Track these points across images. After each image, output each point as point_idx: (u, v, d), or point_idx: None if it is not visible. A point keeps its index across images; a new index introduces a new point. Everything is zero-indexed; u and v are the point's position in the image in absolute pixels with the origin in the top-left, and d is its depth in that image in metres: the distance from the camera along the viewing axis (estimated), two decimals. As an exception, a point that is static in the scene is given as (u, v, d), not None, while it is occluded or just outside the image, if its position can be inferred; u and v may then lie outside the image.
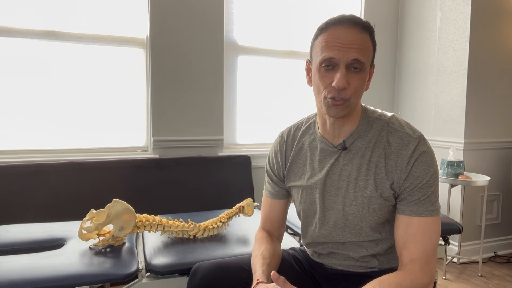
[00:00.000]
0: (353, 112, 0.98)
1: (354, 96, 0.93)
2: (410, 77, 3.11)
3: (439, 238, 0.92)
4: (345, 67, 0.91)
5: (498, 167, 2.83)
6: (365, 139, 0.99)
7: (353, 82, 0.91)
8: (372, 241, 1.02)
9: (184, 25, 2.51)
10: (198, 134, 2.59)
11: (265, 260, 1.02)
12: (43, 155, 2.30)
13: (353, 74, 0.91)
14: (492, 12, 2.66)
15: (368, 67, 0.95)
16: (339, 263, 1.08)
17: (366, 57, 0.93)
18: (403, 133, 0.96)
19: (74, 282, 1.12)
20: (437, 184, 0.95)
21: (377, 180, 0.96)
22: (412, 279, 0.87)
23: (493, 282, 2.42)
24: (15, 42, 2.21)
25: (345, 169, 1.01)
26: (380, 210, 0.97)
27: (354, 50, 0.90)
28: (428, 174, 0.92)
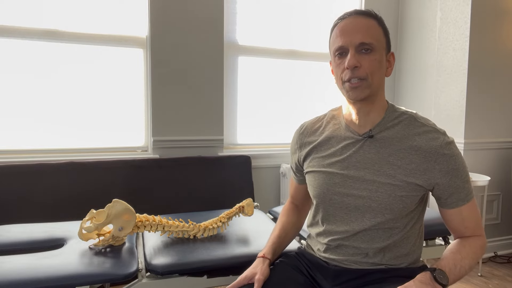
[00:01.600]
0: (376, 98, 1.03)
1: (371, 76, 0.98)
2: (410, 77, 3.11)
3: None
4: (355, 50, 0.98)
5: (498, 167, 2.83)
6: (393, 130, 1.04)
7: (364, 62, 0.97)
8: (388, 230, 1.03)
9: (184, 25, 2.51)
10: (198, 134, 2.59)
11: (278, 239, 1.17)
12: (43, 155, 2.30)
13: (364, 56, 0.98)
14: (492, 12, 2.65)
15: (380, 49, 1.00)
16: (345, 258, 1.07)
17: (374, 39, 0.98)
18: (430, 128, 1.03)
19: (74, 282, 1.11)
20: (467, 172, 1.04)
21: (407, 170, 1.00)
22: (479, 239, 1.05)
23: (493, 282, 2.42)
24: (15, 42, 2.21)
25: (371, 157, 1.03)
26: (407, 198, 1.01)
27: (360, 34, 0.97)
28: (463, 163, 1.01)
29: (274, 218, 1.90)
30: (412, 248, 1.07)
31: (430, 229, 1.64)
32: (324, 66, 2.99)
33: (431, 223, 1.64)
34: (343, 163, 1.06)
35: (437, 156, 0.98)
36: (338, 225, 1.08)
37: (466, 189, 1.02)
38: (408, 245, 1.06)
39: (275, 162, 2.81)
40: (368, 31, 0.98)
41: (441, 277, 0.92)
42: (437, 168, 0.99)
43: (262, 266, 1.08)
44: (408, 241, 1.06)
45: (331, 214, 1.09)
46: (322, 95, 3.01)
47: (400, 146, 1.01)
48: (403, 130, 1.03)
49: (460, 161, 1.01)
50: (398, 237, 1.04)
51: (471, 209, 1.04)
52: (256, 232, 1.58)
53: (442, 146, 0.99)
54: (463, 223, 1.04)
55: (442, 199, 1.03)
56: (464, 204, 1.02)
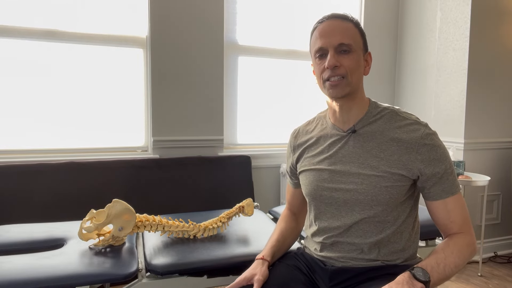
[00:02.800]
0: (356, 95, 1.08)
1: (351, 74, 1.03)
2: (410, 77, 3.11)
3: None
4: (334, 51, 1.03)
5: (498, 167, 2.83)
6: (375, 125, 1.08)
7: (344, 62, 1.03)
8: (379, 223, 1.05)
9: (184, 25, 2.51)
10: (198, 134, 2.59)
11: (277, 243, 1.19)
12: (43, 155, 2.30)
13: (343, 56, 1.03)
14: (492, 12, 2.66)
15: (358, 50, 1.05)
16: (342, 255, 1.08)
17: (351, 40, 1.03)
18: (411, 121, 1.06)
19: (74, 282, 1.12)
20: (451, 162, 1.05)
21: (390, 161, 1.03)
22: (466, 237, 1.03)
23: (493, 282, 2.42)
24: (14, 42, 2.21)
25: (355, 151, 1.07)
26: (392, 188, 1.02)
27: (338, 35, 1.03)
28: (445, 153, 1.03)
29: (274, 218, 1.90)
30: (407, 243, 1.08)
31: (430, 229, 1.64)
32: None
33: (431, 223, 1.64)
34: (330, 159, 1.11)
35: (418, 147, 1.01)
36: (330, 222, 1.10)
37: (450, 181, 1.03)
38: (403, 240, 1.07)
39: (275, 162, 2.81)
40: (345, 32, 1.03)
41: (420, 274, 0.92)
42: (418, 158, 1.01)
43: (261, 268, 1.10)
44: (402, 236, 1.07)
45: (323, 212, 1.12)
46: (322, 95, 3.01)
47: (382, 139, 1.05)
48: (384, 124, 1.07)
49: (442, 152, 1.02)
50: (390, 231, 1.05)
51: (457, 202, 1.04)
52: (256, 232, 1.58)
53: (423, 137, 1.02)
54: (448, 217, 1.04)
55: (426, 189, 1.04)
56: (449, 197, 1.03)
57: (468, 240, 1.03)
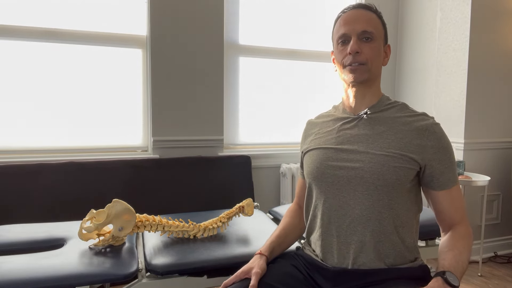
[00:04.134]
0: (373, 84, 1.12)
1: (371, 62, 1.07)
2: (410, 77, 3.11)
3: None
4: (357, 38, 1.07)
5: (498, 167, 2.83)
6: (387, 112, 1.11)
7: (365, 49, 1.07)
8: (380, 213, 1.02)
9: (184, 25, 2.51)
10: (198, 134, 2.59)
11: (277, 239, 1.20)
12: (43, 155, 2.30)
13: (365, 44, 1.07)
14: (492, 12, 2.65)
15: (379, 39, 1.09)
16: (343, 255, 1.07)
17: (374, 28, 1.07)
18: (420, 113, 1.10)
19: (74, 282, 1.12)
20: (453, 153, 1.09)
21: (401, 143, 1.04)
22: (468, 228, 1.06)
23: (493, 282, 2.42)
24: (14, 42, 2.21)
25: (365, 132, 1.09)
26: (400, 170, 1.02)
27: (362, 23, 1.07)
28: (450, 144, 1.07)
29: (274, 218, 1.90)
30: (410, 244, 1.07)
31: (430, 229, 1.64)
32: (325, 66, 2.99)
33: (431, 223, 1.65)
34: (337, 139, 1.12)
35: (428, 133, 1.04)
36: (330, 203, 1.07)
37: (453, 170, 1.07)
38: (407, 239, 1.06)
39: (275, 162, 2.81)
40: (369, 21, 1.07)
41: (452, 279, 0.92)
42: (429, 144, 1.04)
43: (259, 261, 1.11)
44: (404, 235, 1.05)
45: (323, 192, 1.09)
46: (322, 95, 3.01)
47: (393, 124, 1.08)
48: (395, 112, 1.11)
49: (448, 141, 1.07)
50: (392, 226, 1.03)
51: (459, 192, 1.08)
52: (256, 232, 1.58)
53: (432, 125, 1.05)
54: (453, 205, 1.07)
55: (435, 178, 1.05)
56: (453, 186, 1.06)
57: (469, 231, 1.06)
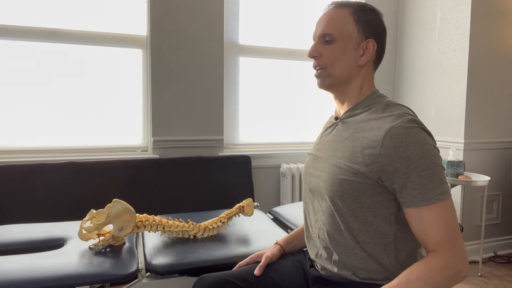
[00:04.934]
0: (347, 87, 1.04)
1: (332, 65, 1.01)
2: (410, 77, 3.11)
3: (456, 219, 0.89)
4: (319, 40, 1.04)
5: (498, 167, 2.83)
6: (359, 116, 1.01)
7: (324, 52, 1.02)
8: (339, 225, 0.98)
9: (184, 25, 2.51)
10: (198, 134, 2.59)
11: (298, 233, 1.25)
12: (43, 155, 2.30)
13: (325, 46, 1.03)
14: (492, 12, 2.66)
15: (344, 38, 1.01)
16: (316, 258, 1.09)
17: (334, 29, 1.01)
18: (394, 114, 0.94)
19: (74, 282, 1.11)
20: (433, 164, 0.87)
21: (353, 153, 0.95)
22: (443, 258, 0.85)
23: (493, 282, 2.42)
24: (14, 42, 2.21)
25: (334, 139, 1.06)
26: (345, 182, 0.95)
27: (323, 25, 1.03)
28: (421, 152, 0.87)
29: (274, 218, 1.90)
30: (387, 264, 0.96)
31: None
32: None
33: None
34: (317, 146, 1.13)
35: (385, 140, 0.89)
36: (308, 208, 1.12)
37: (425, 187, 0.86)
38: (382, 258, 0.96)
39: (275, 162, 2.81)
40: (331, 22, 1.02)
41: None
42: (382, 153, 0.89)
43: (273, 248, 1.20)
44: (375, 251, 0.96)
45: (304, 196, 1.14)
46: (322, 95, 3.01)
47: (356, 129, 0.98)
48: (367, 115, 0.99)
49: (415, 150, 0.87)
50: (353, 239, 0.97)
51: (436, 214, 0.86)
52: (256, 232, 1.58)
53: (393, 130, 0.89)
54: (422, 228, 0.88)
55: (397, 192, 0.91)
56: (424, 205, 0.86)
57: (444, 263, 0.84)
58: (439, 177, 0.87)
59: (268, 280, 1.10)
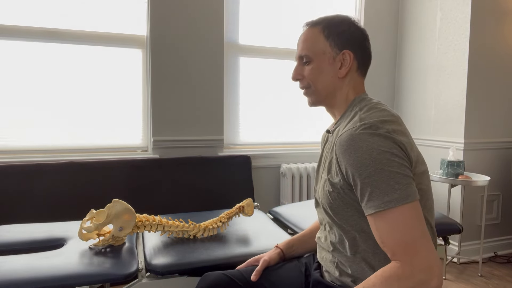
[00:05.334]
0: (333, 101, 1.07)
1: (314, 84, 1.05)
2: (410, 77, 3.11)
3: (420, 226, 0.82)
4: (299, 63, 1.09)
5: (498, 167, 2.83)
6: (340, 126, 1.01)
7: (305, 73, 1.07)
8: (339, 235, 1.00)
9: (184, 25, 2.51)
10: (198, 134, 2.60)
11: (301, 237, 1.26)
12: (43, 155, 2.30)
13: (305, 67, 1.07)
14: (492, 12, 2.66)
15: (319, 56, 1.04)
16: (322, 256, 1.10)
17: (308, 50, 1.05)
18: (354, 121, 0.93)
19: (74, 282, 1.12)
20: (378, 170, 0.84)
21: (330, 165, 0.97)
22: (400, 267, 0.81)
23: (493, 282, 2.42)
24: (14, 42, 2.21)
25: (324, 152, 1.09)
26: (330, 193, 0.96)
27: (299, 48, 1.08)
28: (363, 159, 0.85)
29: (274, 218, 1.90)
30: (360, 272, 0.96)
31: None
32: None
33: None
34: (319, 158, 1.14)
35: (336, 147, 0.92)
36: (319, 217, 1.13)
37: (371, 194, 0.84)
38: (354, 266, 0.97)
39: (275, 162, 2.81)
40: (304, 43, 1.06)
41: None
42: (334, 160, 0.93)
43: (272, 252, 1.20)
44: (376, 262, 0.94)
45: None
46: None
47: (333, 141, 0.99)
48: (344, 126, 0.98)
49: (357, 157, 0.85)
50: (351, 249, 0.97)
51: (390, 222, 0.83)
52: (256, 232, 1.58)
53: (341, 137, 0.90)
54: (379, 236, 0.85)
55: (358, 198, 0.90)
56: (375, 212, 0.84)
57: (401, 272, 0.80)
58: (388, 183, 0.83)
59: (268, 284, 1.11)
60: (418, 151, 0.95)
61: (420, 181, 0.92)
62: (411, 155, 0.89)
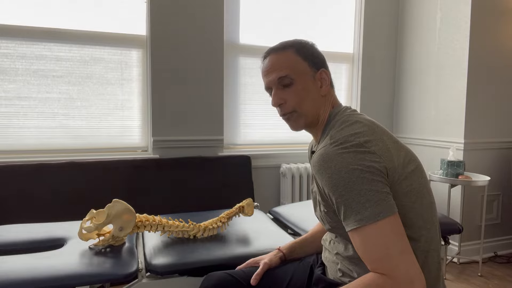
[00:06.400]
0: (317, 120, 1.04)
1: (299, 107, 1.01)
2: (410, 77, 3.11)
3: (399, 242, 0.82)
4: (277, 88, 1.02)
5: (498, 167, 2.83)
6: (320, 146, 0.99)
7: (288, 96, 1.01)
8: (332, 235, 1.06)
9: (184, 25, 2.51)
10: (198, 134, 2.60)
11: (303, 241, 1.25)
12: (43, 155, 2.30)
13: (286, 90, 1.01)
14: (492, 11, 2.66)
15: (302, 76, 1.01)
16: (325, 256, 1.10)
17: (289, 69, 1.00)
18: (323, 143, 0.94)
19: (74, 282, 1.12)
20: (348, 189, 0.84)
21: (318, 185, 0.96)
22: (380, 277, 0.81)
23: (493, 282, 2.42)
24: (14, 42, 2.21)
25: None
26: (327, 214, 0.97)
27: (275, 71, 1.01)
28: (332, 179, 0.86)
29: (274, 218, 1.90)
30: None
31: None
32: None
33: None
34: None
35: (311, 168, 0.94)
36: None
37: (345, 212, 0.85)
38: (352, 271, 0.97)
39: (275, 162, 2.81)
40: (281, 65, 1.00)
41: None
42: (315, 178, 0.94)
43: (273, 255, 1.20)
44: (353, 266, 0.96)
45: None
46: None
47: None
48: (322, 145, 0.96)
49: (328, 177, 0.86)
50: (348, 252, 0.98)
51: (364, 239, 0.83)
52: (256, 232, 1.58)
53: (313, 158, 0.92)
54: (359, 251, 0.86)
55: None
56: (350, 230, 0.85)
57: (382, 282, 0.81)
58: (358, 201, 0.83)
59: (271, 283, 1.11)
60: (407, 150, 0.94)
61: (411, 182, 0.90)
62: (392, 161, 0.88)
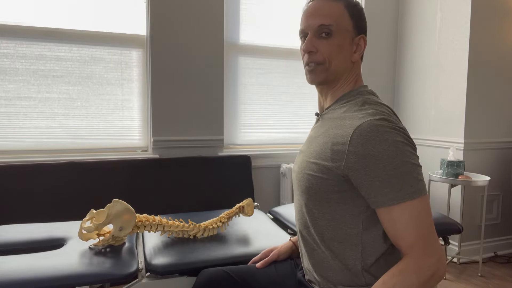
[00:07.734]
0: (338, 83, 1.00)
1: (329, 61, 0.96)
2: (410, 77, 3.11)
3: (431, 218, 0.85)
4: (314, 34, 0.96)
5: (498, 167, 2.83)
6: (338, 111, 0.97)
7: (322, 47, 0.95)
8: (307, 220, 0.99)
9: (184, 24, 2.51)
10: (198, 134, 2.59)
11: None
12: (43, 155, 2.30)
13: (323, 40, 0.95)
14: (492, 11, 2.66)
15: (342, 32, 0.95)
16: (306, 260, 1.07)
17: (333, 21, 0.94)
18: (368, 111, 0.90)
19: (74, 282, 1.11)
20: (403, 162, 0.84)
21: (323, 149, 0.93)
22: (416, 262, 0.83)
23: (493, 282, 2.42)
24: (14, 42, 2.21)
25: (312, 134, 1.03)
26: (312, 178, 0.94)
27: (319, 17, 0.95)
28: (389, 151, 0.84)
29: (274, 218, 1.90)
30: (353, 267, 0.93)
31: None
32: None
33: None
34: (305, 141, 1.08)
35: (353, 137, 0.86)
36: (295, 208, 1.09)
37: (394, 185, 0.83)
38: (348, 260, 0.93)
39: (275, 162, 2.81)
40: (328, 13, 0.94)
41: None
42: (351, 150, 0.86)
43: (283, 245, 1.23)
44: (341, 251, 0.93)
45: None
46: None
47: (330, 125, 0.95)
48: (344, 112, 0.95)
49: (383, 148, 0.83)
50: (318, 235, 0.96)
51: (409, 213, 0.83)
52: (256, 232, 1.58)
53: (362, 127, 0.86)
54: (394, 229, 0.85)
55: (364, 192, 0.87)
56: (394, 204, 0.83)
57: (418, 267, 0.82)
58: (411, 175, 0.84)
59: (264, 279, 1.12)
60: None
61: None
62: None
